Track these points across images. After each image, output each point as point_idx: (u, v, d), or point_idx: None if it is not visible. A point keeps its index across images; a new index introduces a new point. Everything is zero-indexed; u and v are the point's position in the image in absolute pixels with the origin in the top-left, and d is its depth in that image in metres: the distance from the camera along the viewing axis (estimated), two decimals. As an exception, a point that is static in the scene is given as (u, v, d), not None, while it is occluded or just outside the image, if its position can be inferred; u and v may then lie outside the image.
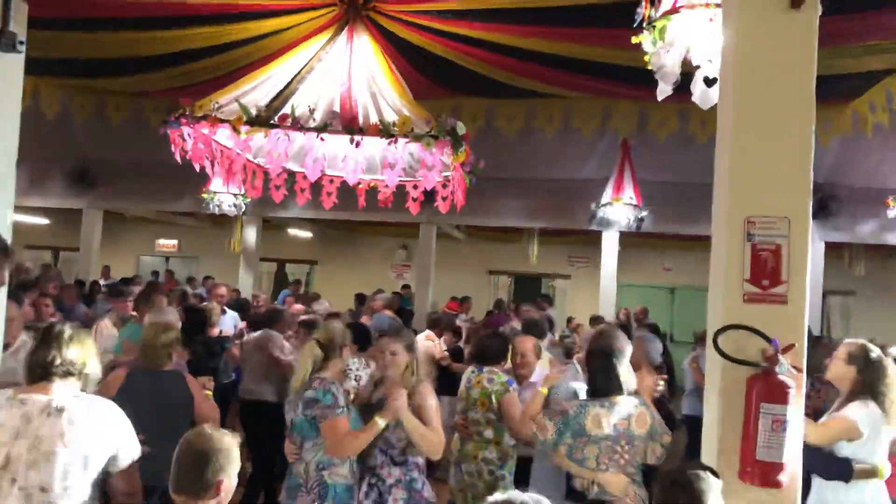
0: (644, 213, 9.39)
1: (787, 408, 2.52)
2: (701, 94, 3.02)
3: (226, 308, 8.13)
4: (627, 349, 3.94)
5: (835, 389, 3.89)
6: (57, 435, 2.54)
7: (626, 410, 3.67)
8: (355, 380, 4.76)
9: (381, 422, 3.46)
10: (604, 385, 3.73)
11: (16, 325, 4.54)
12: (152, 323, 4.25)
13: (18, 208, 13.46)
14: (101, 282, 13.06)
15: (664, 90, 3.04)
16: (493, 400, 4.33)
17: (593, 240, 12.31)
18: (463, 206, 5.61)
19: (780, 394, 2.53)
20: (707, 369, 2.87)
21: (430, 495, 3.62)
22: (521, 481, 4.30)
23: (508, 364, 4.70)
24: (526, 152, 9.91)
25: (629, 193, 9.33)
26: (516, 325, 9.55)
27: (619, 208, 9.38)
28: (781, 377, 2.53)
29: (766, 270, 2.67)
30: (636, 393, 3.82)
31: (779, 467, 2.55)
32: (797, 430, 2.63)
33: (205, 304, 7.71)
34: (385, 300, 10.03)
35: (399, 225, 13.07)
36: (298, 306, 7.64)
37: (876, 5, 4.87)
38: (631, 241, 12.19)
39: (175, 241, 17.93)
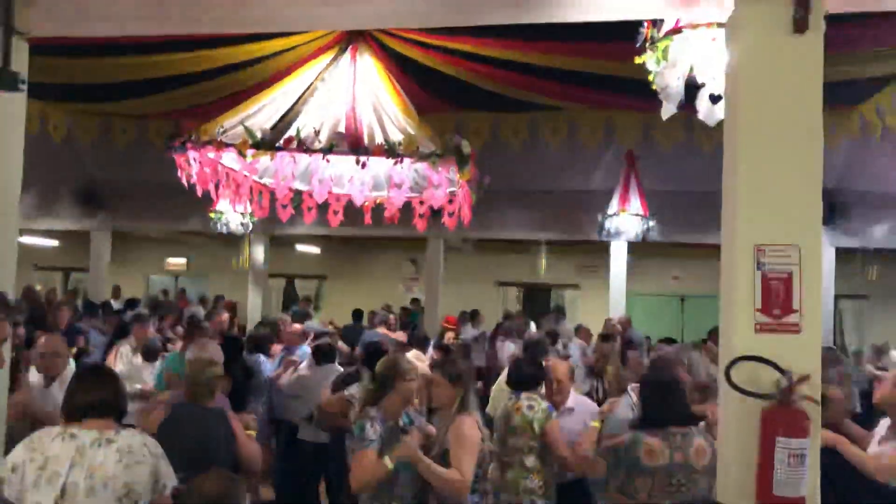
0: (651, 223, 9.35)
1: (805, 441, 2.44)
2: (706, 112, 2.99)
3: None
4: (685, 376, 3.83)
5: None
6: (110, 464, 2.76)
7: (685, 442, 3.43)
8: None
9: (388, 462, 3.35)
10: (660, 414, 3.52)
11: (62, 361, 4.66)
12: (197, 359, 4.09)
13: (28, 231, 13.63)
14: (113, 303, 13.13)
15: (669, 109, 3.02)
16: (536, 427, 4.17)
17: (602, 249, 12.26)
18: (470, 219, 5.60)
19: (796, 427, 2.45)
20: (720, 401, 2.81)
21: None
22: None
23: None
24: (532, 165, 9.91)
25: (636, 204, 9.29)
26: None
27: (627, 219, 9.34)
28: (797, 409, 2.47)
29: (777, 299, 2.61)
30: (696, 422, 3.60)
31: (797, 502, 2.47)
32: (816, 464, 2.56)
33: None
34: (380, 317, 9.97)
35: (407, 239, 13.06)
36: (297, 325, 7.63)
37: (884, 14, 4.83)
38: (640, 250, 12.13)
39: (184, 260, 17.95)
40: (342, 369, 6.18)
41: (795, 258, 2.62)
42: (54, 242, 16.47)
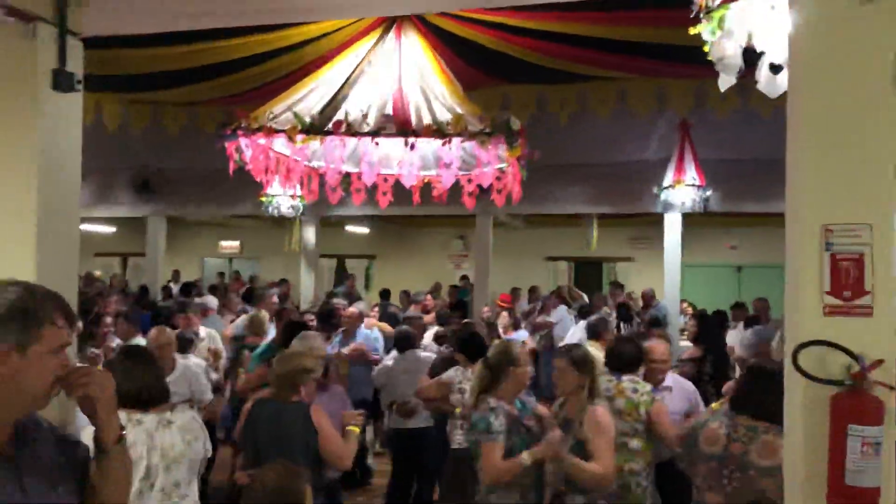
0: (709, 193, 9.12)
1: (879, 428, 2.32)
2: (766, 82, 2.86)
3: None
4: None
5: None
6: (178, 443, 3.10)
7: (750, 434, 3.26)
8: (459, 392, 4.69)
9: (526, 458, 3.32)
10: (744, 403, 3.36)
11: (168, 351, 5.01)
12: (284, 353, 4.06)
13: (87, 219, 14.01)
14: (172, 286, 13.47)
15: (727, 81, 2.89)
16: (642, 411, 4.12)
17: (655, 221, 12.04)
18: (519, 196, 5.54)
19: (870, 414, 2.33)
20: (786, 387, 2.71)
21: None
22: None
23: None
24: (581, 137, 9.73)
25: (691, 174, 9.07)
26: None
27: (683, 190, 9.13)
28: (870, 396, 2.35)
29: (847, 281, 2.47)
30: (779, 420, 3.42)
31: (872, 493, 2.35)
32: (890, 452, 2.43)
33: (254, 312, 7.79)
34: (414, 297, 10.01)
35: (455, 216, 13.04)
36: (352, 309, 7.65)
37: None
38: (694, 220, 11.88)
39: (237, 242, 18.28)
40: (426, 354, 6.23)
41: (867, 238, 2.48)
42: (112, 229, 16.93)
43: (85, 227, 15.08)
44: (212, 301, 9.41)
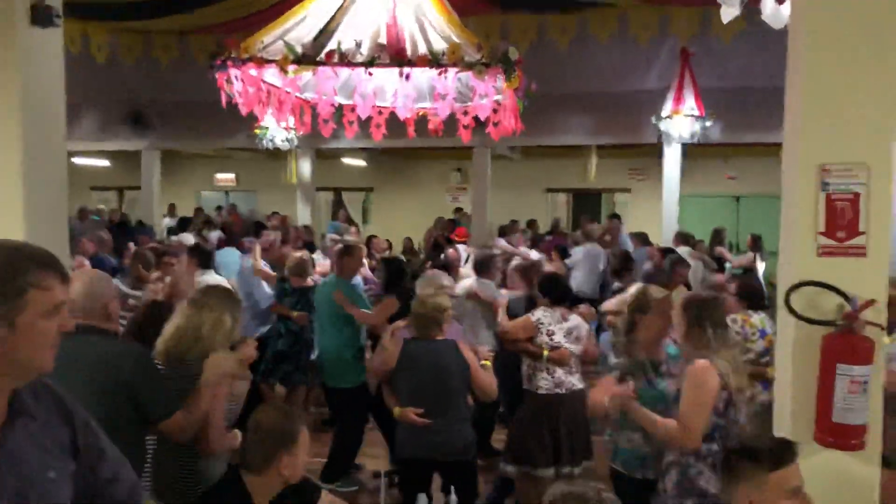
0: (708, 124, 8.96)
1: (868, 368, 2.34)
2: (771, 13, 2.78)
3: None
4: None
5: None
6: None
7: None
8: (547, 335, 4.60)
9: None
10: None
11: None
12: (422, 295, 4.07)
13: (81, 152, 13.84)
14: (168, 220, 13.44)
15: (730, 13, 2.80)
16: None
17: (654, 151, 11.92)
18: (517, 129, 5.43)
19: (859, 353, 2.34)
20: (779, 327, 2.70)
21: (707, 485, 2.91)
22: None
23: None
24: (581, 66, 9.55)
25: (690, 104, 8.90)
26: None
27: (681, 121, 8.98)
28: (861, 336, 2.35)
29: (842, 222, 2.44)
30: None
31: (858, 430, 2.39)
32: (878, 391, 2.45)
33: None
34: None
35: (453, 148, 12.90)
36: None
37: None
38: (694, 150, 11.76)
39: (233, 175, 18.14)
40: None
41: (864, 177, 2.44)
42: (106, 163, 16.78)
43: (80, 160, 14.96)
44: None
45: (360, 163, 16.84)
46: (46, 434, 1.61)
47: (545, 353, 4.49)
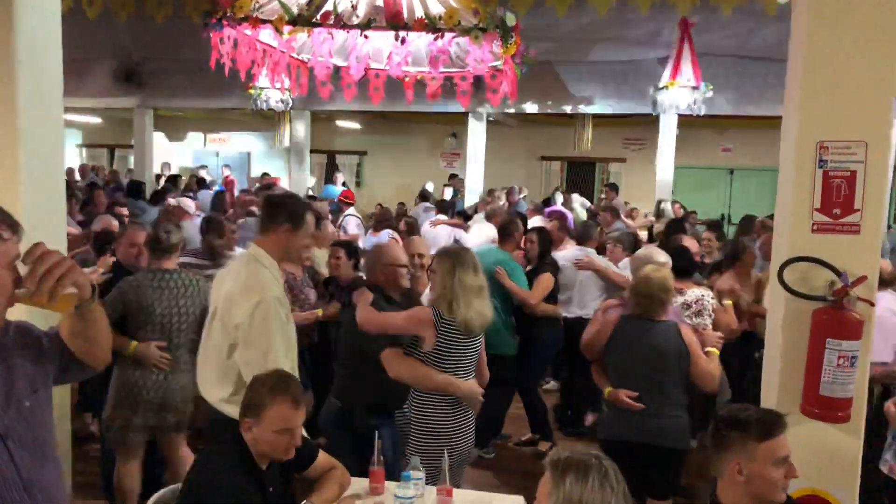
0: (708, 95, 8.89)
1: (856, 343, 2.39)
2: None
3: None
4: None
5: None
6: None
7: None
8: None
9: None
10: None
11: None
12: (648, 272, 3.67)
13: (73, 109, 13.66)
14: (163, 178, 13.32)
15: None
16: None
17: (649, 121, 11.87)
18: (514, 95, 5.40)
19: (848, 329, 2.38)
20: (770, 300, 2.73)
21: None
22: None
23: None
24: (579, 33, 9.44)
25: (687, 75, 8.83)
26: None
27: (677, 91, 8.91)
28: (850, 312, 2.39)
29: (838, 198, 2.46)
30: None
31: (844, 403, 2.44)
32: (865, 366, 2.50)
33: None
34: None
35: (448, 113, 12.81)
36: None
37: None
38: (688, 121, 11.73)
39: (225, 136, 17.99)
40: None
41: (861, 155, 2.45)
42: (98, 120, 16.60)
43: (71, 116, 14.77)
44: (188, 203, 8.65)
45: (355, 126, 16.72)
46: (23, 360, 1.68)
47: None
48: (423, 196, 10.93)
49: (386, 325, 3.13)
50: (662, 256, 4.22)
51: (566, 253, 5.84)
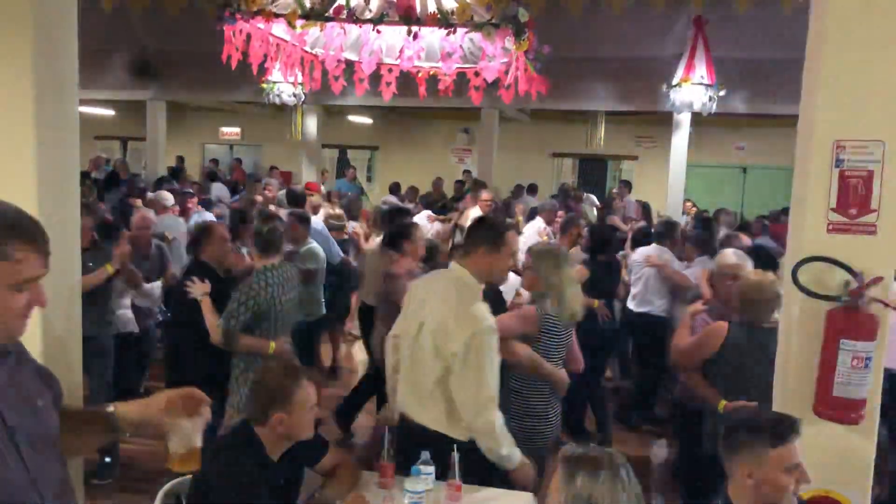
0: (722, 93, 8.83)
1: (871, 344, 2.36)
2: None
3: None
4: None
5: None
6: None
7: None
8: None
9: None
10: None
11: None
12: (757, 279, 3.57)
13: (86, 101, 13.73)
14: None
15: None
16: None
17: (663, 119, 11.82)
18: (526, 91, 5.38)
19: (863, 330, 2.36)
20: (784, 300, 2.71)
21: None
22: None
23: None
24: (593, 30, 9.40)
25: (700, 73, 8.76)
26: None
27: (690, 89, 8.84)
28: (866, 312, 2.37)
29: (854, 198, 2.44)
30: None
31: (857, 404, 2.42)
32: (879, 368, 2.47)
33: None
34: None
35: (461, 109, 12.80)
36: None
37: None
38: (703, 119, 11.67)
39: (238, 129, 18.04)
40: None
41: (878, 155, 2.42)
42: (111, 112, 16.67)
43: (84, 108, 14.83)
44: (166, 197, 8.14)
45: (367, 120, 16.72)
46: (28, 377, 1.64)
47: None
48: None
49: (503, 330, 3.12)
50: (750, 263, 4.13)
51: (641, 249, 6.23)
